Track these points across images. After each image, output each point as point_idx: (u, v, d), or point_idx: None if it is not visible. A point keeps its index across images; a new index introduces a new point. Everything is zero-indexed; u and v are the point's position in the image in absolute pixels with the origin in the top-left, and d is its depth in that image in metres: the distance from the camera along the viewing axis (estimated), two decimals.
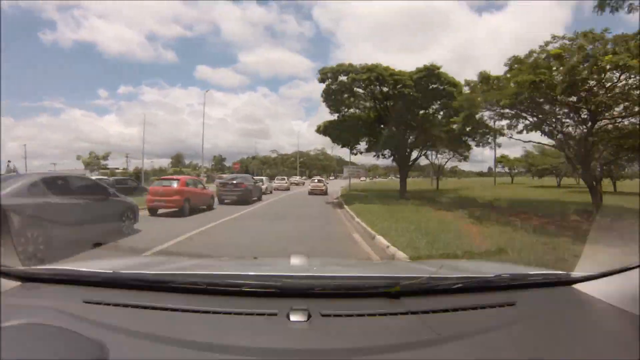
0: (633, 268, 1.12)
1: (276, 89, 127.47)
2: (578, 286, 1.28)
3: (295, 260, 1.65)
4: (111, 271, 1.31)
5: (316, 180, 25.59)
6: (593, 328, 1.06)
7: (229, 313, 1.06)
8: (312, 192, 23.25)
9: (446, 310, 1.11)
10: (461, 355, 0.90)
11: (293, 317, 1.02)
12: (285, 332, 0.98)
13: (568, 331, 1.02)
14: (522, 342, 0.97)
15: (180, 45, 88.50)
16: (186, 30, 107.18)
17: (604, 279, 1.22)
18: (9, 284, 1.25)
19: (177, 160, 60.82)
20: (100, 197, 6.69)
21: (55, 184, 5.85)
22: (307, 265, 1.67)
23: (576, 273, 1.33)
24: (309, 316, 1.02)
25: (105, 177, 20.57)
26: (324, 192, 23.23)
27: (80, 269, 1.34)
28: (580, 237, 5.90)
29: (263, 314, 1.05)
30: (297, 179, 41.85)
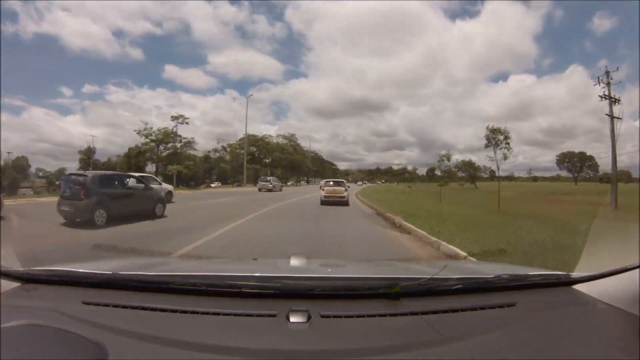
0: (633, 268, 1.12)
1: (245, 92, 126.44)
2: (578, 287, 1.28)
3: (295, 261, 1.65)
4: (110, 272, 1.30)
5: (331, 183, 17.08)
6: (593, 328, 1.06)
7: (229, 314, 1.06)
8: (326, 201, 15.40)
9: (446, 311, 1.11)
10: (461, 356, 0.90)
11: (293, 318, 1.02)
12: (285, 333, 0.98)
13: (568, 332, 1.02)
14: (522, 343, 0.97)
15: (148, 43, 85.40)
16: (155, 27, 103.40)
17: (604, 279, 1.22)
18: (8, 284, 1.25)
19: (88, 156, 48.76)
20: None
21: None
22: (306, 266, 1.67)
23: (576, 273, 1.33)
24: (309, 317, 1.02)
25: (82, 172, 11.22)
26: (345, 202, 15.61)
27: (79, 270, 1.34)
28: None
29: (263, 315, 1.05)
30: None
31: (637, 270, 1.10)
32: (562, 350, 0.93)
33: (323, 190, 16.30)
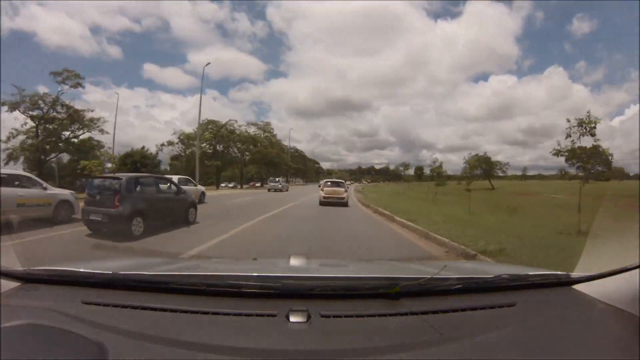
0: (633, 268, 1.12)
1: (226, 92, 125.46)
2: (578, 287, 1.28)
3: (294, 261, 1.65)
4: (110, 272, 1.30)
5: (330, 184, 16.61)
6: (593, 328, 1.06)
7: (228, 314, 1.06)
8: (325, 202, 15.19)
9: (446, 311, 1.11)
10: (461, 356, 0.90)
11: (292, 318, 1.02)
12: (284, 333, 0.98)
13: (568, 332, 1.02)
14: (522, 343, 0.97)
15: (126, 40, 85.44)
16: (133, 24, 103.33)
17: (604, 279, 1.22)
18: (8, 284, 1.25)
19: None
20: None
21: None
22: (306, 266, 1.67)
23: (576, 273, 1.33)
24: (309, 317, 1.03)
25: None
26: (345, 203, 15.33)
27: (79, 270, 1.34)
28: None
29: (262, 315, 1.05)
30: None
31: (637, 270, 1.10)
32: (562, 350, 0.93)
33: (322, 190, 16.06)
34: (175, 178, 11.62)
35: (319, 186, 18.35)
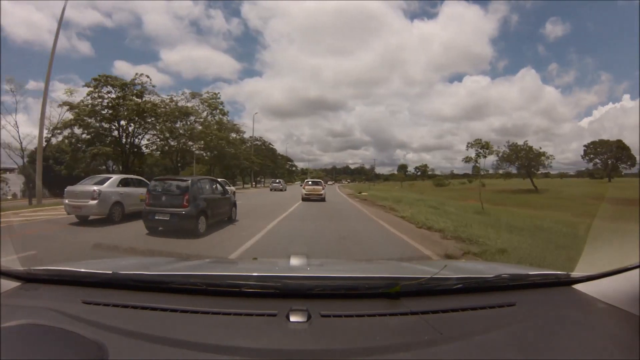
0: (633, 268, 1.12)
1: (199, 91, 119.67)
2: (578, 286, 1.28)
3: (295, 261, 1.65)
4: (110, 272, 1.30)
5: (310, 183, 19.50)
6: (593, 328, 1.06)
7: (229, 314, 1.06)
8: (307, 198, 18.09)
9: (446, 311, 1.11)
10: (461, 355, 0.90)
11: (293, 318, 1.02)
12: (284, 332, 0.98)
13: (568, 331, 1.02)
14: (522, 343, 0.97)
15: (97, 35, 79.46)
16: (104, 18, 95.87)
17: (604, 279, 1.22)
18: (9, 284, 1.25)
19: None
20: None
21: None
22: (306, 266, 1.67)
23: (576, 273, 1.33)
24: (309, 317, 1.03)
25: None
26: (323, 198, 18.36)
27: (79, 270, 1.34)
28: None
29: (263, 315, 1.05)
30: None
31: (637, 270, 1.10)
32: (562, 350, 0.93)
33: (304, 189, 19.05)
34: (219, 180, 12.67)
35: (301, 185, 21.47)
